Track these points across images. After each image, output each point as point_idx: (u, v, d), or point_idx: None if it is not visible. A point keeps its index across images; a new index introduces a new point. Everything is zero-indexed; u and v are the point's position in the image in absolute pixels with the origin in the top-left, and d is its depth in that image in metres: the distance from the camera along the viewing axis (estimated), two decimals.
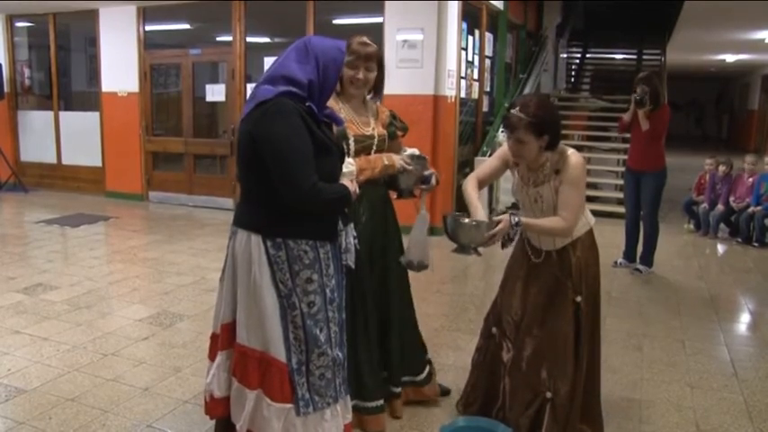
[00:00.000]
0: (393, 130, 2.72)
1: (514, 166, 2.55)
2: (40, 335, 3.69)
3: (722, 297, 4.84)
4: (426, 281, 4.73)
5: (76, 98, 9.62)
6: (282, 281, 2.03)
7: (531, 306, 2.56)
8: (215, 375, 2.21)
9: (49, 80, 9.33)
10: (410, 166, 2.58)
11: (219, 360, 2.20)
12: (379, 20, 6.59)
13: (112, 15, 8.35)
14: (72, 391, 3.00)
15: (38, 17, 9.13)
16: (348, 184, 2.11)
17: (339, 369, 2.13)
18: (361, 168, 2.41)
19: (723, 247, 6.69)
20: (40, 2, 8.28)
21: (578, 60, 14.05)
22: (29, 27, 9.60)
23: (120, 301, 4.36)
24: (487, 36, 8.46)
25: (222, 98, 7.98)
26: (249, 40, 7.78)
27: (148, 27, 8.29)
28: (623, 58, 14.37)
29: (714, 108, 23.09)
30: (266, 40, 8.58)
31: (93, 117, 8.82)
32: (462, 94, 7.31)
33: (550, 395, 2.46)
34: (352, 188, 2.11)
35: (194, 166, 8.33)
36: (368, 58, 2.50)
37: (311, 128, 1.99)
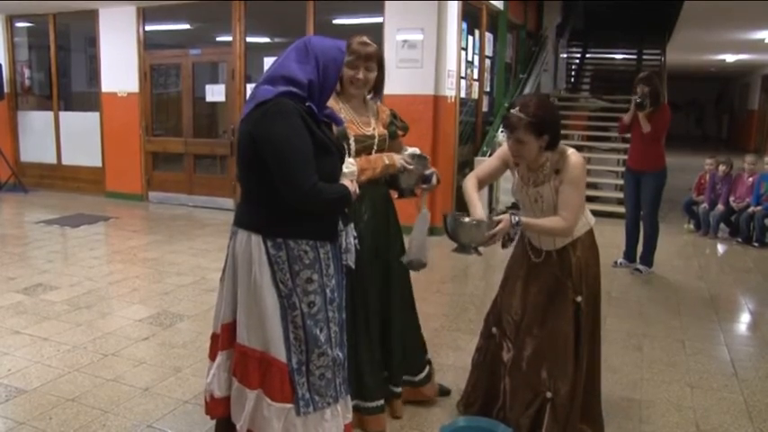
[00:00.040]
0: (394, 130, 2.72)
1: (515, 166, 2.55)
2: (41, 335, 3.70)
3: (722, 297, 4.84)
4: (426, 281, 4.73)
5: (76, 98, 9.62)
6: (283, 281, 2.04)
7: (532, 306, 2.56)
8: (215, 375, 2.21)
9: (48, 80, 9.34)
10: (411, 166, 2.58)
11: (220, 360, 2.20)
12: (379, 20, 6.59)
13: (112, 15, 8.35)
14: (72, 392, 3.00)
15: (38, 17, 9.14)
16: (348, 184, 2.11)
17: (339, 369, 2.13)
18: (362, 168, 2.40)
19: (723, 247, 6.69)
20: (40, 2, 8.28)
21: (578, 60, 14.06)
22: (29, 27, 9.60)
23: (121, 302, 4.36)
24: (487, 36, 8.46)
25: (222, 98, 7.98)
26: (249, 40, 7.78)
27: (148, 27, 8.29)
28: (623, 58, 14.38)
29: (714, 108, 23.10)
30: (266, 40, 8.58)
31: (93, 117, 8.82)
32: (462, 94, 7.32)
33: (551, 395, 2.46)
34: (353, 188, 2.11)
35: (194, 167, 8.33)
36: (368, 57, 2.50)
37: (311, 128, 2.00)
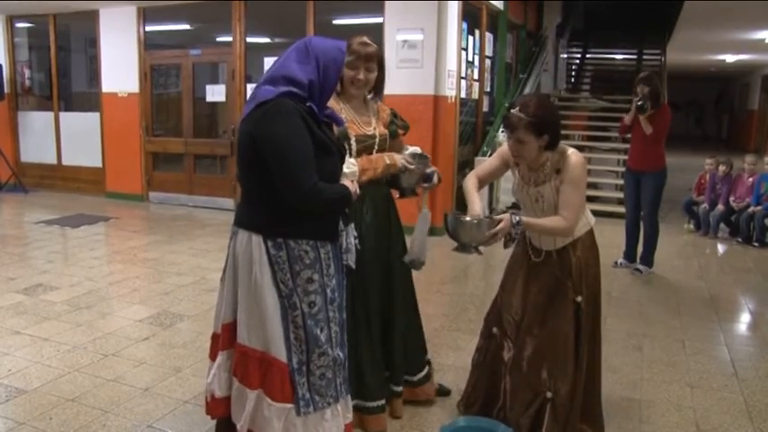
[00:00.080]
0: (394, 129, 2.72)
1: (515, 165, 2.55)
2: (41, 335, 3.70)
3: (722, 297, 4.84)
4: (426, 281, 4.73)
5: (77, 99, 9.63)
6: (283, 281, 2.04)
7: (532, 306, 2.56)
8: (216, 375, 2.21)
9: (49, 81, 9.34)
10: (412, 165, 2.58)
11: (220, 360, 2.21)
12: (379, 20, 6.59)
13: (112, 16, 8.36)
14: (72, 392, 3.00)
15: (38, 18, 9.14)
16: (349, 184, 2.11)
17: (339, 369, 2.13)
18: (363, 168, 2.40)
19: (723, 247, 6.69)
20: (41, 2, 8.28)
21: (578, 60, 14.06)
22: (29, 28, 9.60)
23: (121, 302, 4.36)
24: (487, 36, 8.46)
25: (222, 98, 7.99)
26: (249, 40, 7.78)
27: (148, 27, 8.29)
28: (623, 59, 14.38)
29: (714, 108, 23.10)
30: (266, 40, 8.58)
31: (94, 118, 8.82)
32: (462, 95, 7.32)
33: (551, 395, 2.46)
34: (353, 188, 2.11)
35: (194, 167, 8.34)
36: (368, 58, 2.50)
37: (312, 128, 2.00)
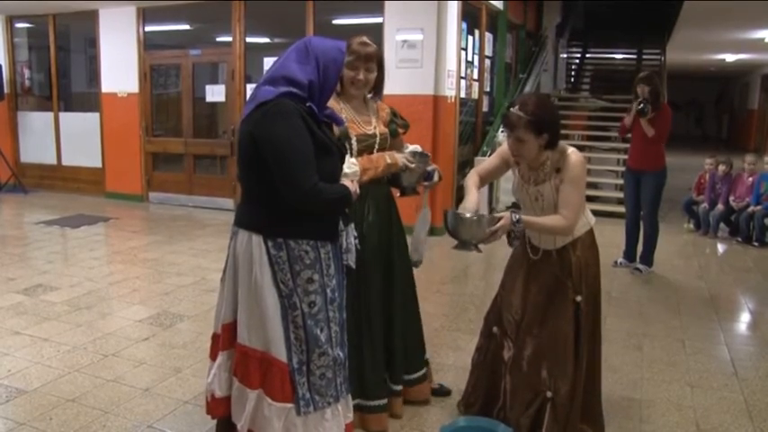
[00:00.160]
0: (394, 128, 2.73)
1: (515, 164, 2.55)
2: (41, 336, 3.70)
3: (722, 296, 4.84)
4: (426, 281, 4.73)
5: (76, 99, 9.62)
6: (283, 281, 2.04)
7: (532, 305, 2.56)
8: (216, 375, 2.22)
9: (48, 81, 9.34)
10: (413, 164, 2.58)
11: (221, 360, 2.21)
12: (378, 20, 6.59)
13: (112, 16, 8.35)
14: (72, 392, 3.00)
15: (38, 18, 9.14)
16: (349, 184, 2.11)
17: (340, 369, 2.13)
18: (364, 168, 2.40)
19: (723, 247, 6.69)
20: (40, 3, 8.28)
21: (578, 60, 14.06)
22: (29, 28, 9.60)
23: (121, 302, 4.36)
24: (487, 36, 8.47)
25: (222, 99, 7.98)
26: (249, 40, 7.78)
27: (148, 28, 8.29)
28: (623, 58, 14.39)
29: (714, 108, 23.10)
30: (266, 40, 8.58)
31: (93, 118, 8.82)
32: (462, 94, 7.32)
33: (551, 394, 2.46)
34: (353, 188, 2.12)
35: (194, 167, 8.33)
36: (368, 58, 2.50)
37: (312, 128, 2.00)
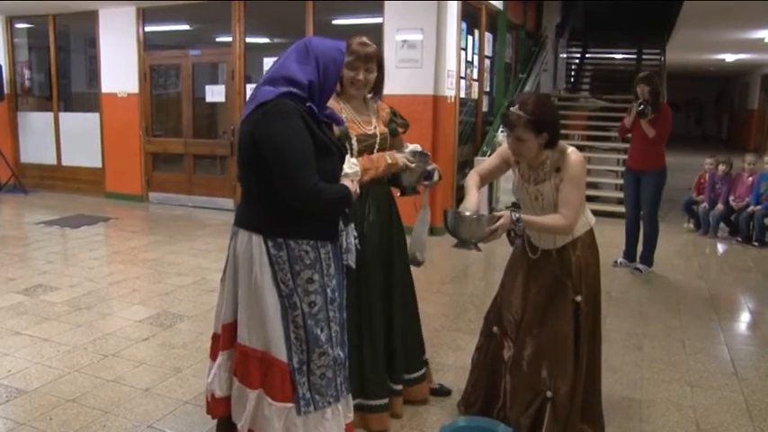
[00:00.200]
0: (394, 128, 2.73)
1: (515, 164, 2.55)
2: (41, 336, 3.70)
3: (722, 296, 4.84)
4: (426, 281, 4.73)
5: (76, 99, 9.63)
6: (284, 281, 2.04)
7: (532, 305, 2.56)
8: (216, 375, 2.22)
9: (48, 81, 9.34)
10: (413, 164, 2.58)
11: (221, 360, 2.21)
12: (378, 20, 6.59)
13: (112, 16, 8.36)
14: (72, 392, 3.00)
15: (37, 18, 9.14)
16: (349, 184, 2.11)
17: (340, 368, 2.14)
18: (364, 168, 2.40)
19: (723, 247, 6.69)
20: (40, 3, 8.28)
21: (578, 60, 14.07)
22: (29, 28, 9.60)
23: (121, 302, 4.36)
24: (487, 36, 8.47)
25: (222, 99, 7.98)
26: (249, 40, 7.78)
27: (148, 28, 8.29)
28: (623, 58, 14.40)
29: (714, 108, 23.10)
30: (266, 40, 8.58)
31: (93, 118, 8.82)
32: (462, 94, 7.32)
33: (551, 394, 2.46)
34: (353, 188, 2.12)
35: (194, 167, 8.34)
36: (367, 58, 2.50)
37: (312, 128, 2.00)
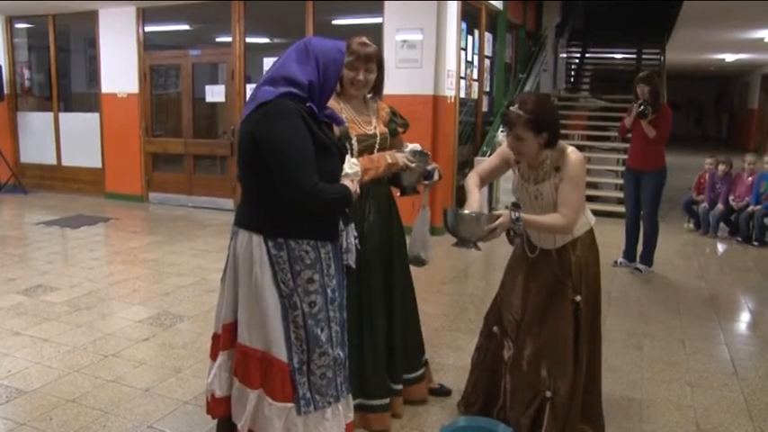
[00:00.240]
0: (394, 127, 2.73)
1: (515, 163, 2.55)
2: (41, 336, 3.70)
3: (722, 296, 4.84)
4: (426, 281, 4.73)
5: (76, 99, 9.63)
6: (284, 281, 2.04)
7: (532, 305, 2.56)
8: (216, 375, 2.22)
9: (48, 81, 9.34)
10: (413, 164, 2.59)
11: (221, 360, 2.21)
12: (378, 20, 6.59)
13: (112, 16, 8.36)
14: (72, 393, 3.00)
15: (37, 18, 9.14)
16: (349, 184, 2.12)
17: (340, 368, 2.14)
18: (365, 168, 2.40)
19: (723, 247, 6.69)
20: (40, 3, 8.28)
21: (578, 60, 14.07)
22: (28, 28, 9.60)
23: (121, 303, 4.36)
24: (487, 36, 8.47)
25: (222, 99, 7.98)
26: (249, 40, 7.78)
27: (148, 28, 8.29)
28: (623, 58, 14.40)
29: (714, 107, 23.09)
30: (266, 40, 8.58)
31: (93, 118, 8.82)
32: (462, 95, 7.32)
33: (550, 394, 2.46)
34: (353, 188, 2.12)
35: (194, 167, 8.33)
36: (367, 58, 2.50)
37: (312, 128, 2.00)
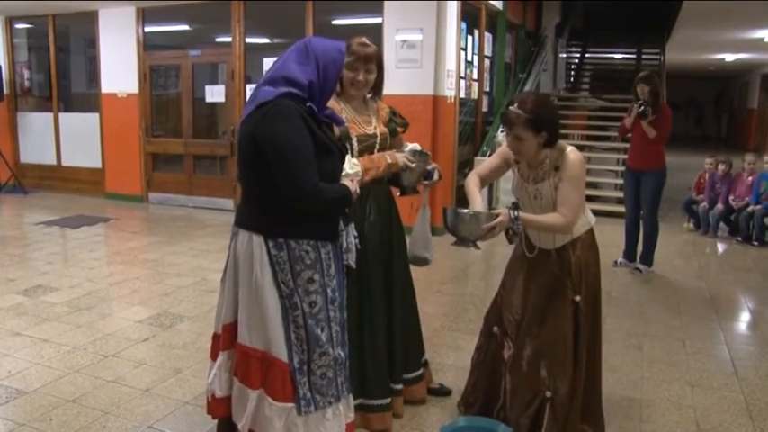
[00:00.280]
0: (393, 127, 2.74)
1: (515, 163, 2.55)
2: (41, 336, 3.70)
3: (722, 296, 4.84)
4: (426, 281, 4.73)
5: (76, 100, 9.63)
6: (284, 281, 2.04)
7: (532, 305, 2.56)
8: (216, 375, 2.22)
9: (48, 82, 9.34)
10: (413, 164, 2.59)
11: (221, 360, 2.21)
12: (378, 20, 6.59)
13: (112, 17, 8.35)
14: (72, 393, 3.00)
15: (37, 19, 9.14)
16: (349, 184, 2.12)
17: (340, 368, 2.14)
18: (365, 168, 2.41)
19: (723, 246, 6.69)
20: (40, 3, 8.28)
21: (577, 60, 14.07)
22: (28, 29, 9.60)
23: (121, 303, 4.36)
24: (486, 36, 8.47)
25: (222, 99, 7.98)
26: (248, 40, 7.78)
27: (148, 28, 8.29)
28: (622, 58, 14.39)
29: (713, 107, 23.09)
30: (266, 40, 8.58)
31: (93, 118, 8.82)
32: (462, 95, 7.32)
33: (550, 394, 2.46)
34: (353, 188, 2.12)
35: (194, 168, 8.33)
36: (367, 59, 2.51)
37: (312, 128, 2.00)
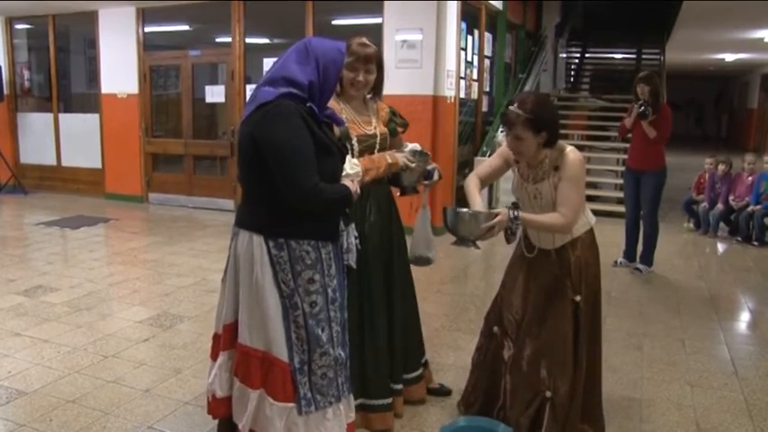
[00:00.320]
0: (393, 127, 2.74)
1: (515, 163, 2.55)
2: (41, 337, 3.70)
3: (722, 296, 4.84)
4: (426, 281, 4.73)
5: (76, 100, 9.63)
6: (284, 281, 2.04)
7: (532, 305, 2.56)
8: (217, 375, 2.22)
9: (48, 82, 9.34)
10: (413, 164, 2.59)
11: (221, 360, 2.21)
12: (378, 20, 6.60)
13: (112, 17, 8.36)
14: (72, 393, 3.00)
15: (37, 19, 9.14)
16: (349, 184, 2.12)
17: (341, 368, 2.14)
18: (366, 169, 2.41)
19: (723, 246, 6.69)
20: (40, 3, 8.28)
21: (577, 60, 14.07)
22: (28, 29, 9.60)
23: (121, 303, 4.36)
24: (486, 36, 8.47)
25: (222, 99, 7.98)
26: (248, 41, 7.78)
27: (148, 28, 8.29)
28: (622, 58, 14.40)
29: (713, 107, 23.10)
30: (265, 40, 8.58)
31: (93, 119, 8.82)
32: (462, 95, 7.32)
33: (550, 394, 2.46)
34: (354, 188, 2.12)
35: (194, 168, 8.33)
36: (367, 59, 2.51)
37: (312, 129, 2.00)
